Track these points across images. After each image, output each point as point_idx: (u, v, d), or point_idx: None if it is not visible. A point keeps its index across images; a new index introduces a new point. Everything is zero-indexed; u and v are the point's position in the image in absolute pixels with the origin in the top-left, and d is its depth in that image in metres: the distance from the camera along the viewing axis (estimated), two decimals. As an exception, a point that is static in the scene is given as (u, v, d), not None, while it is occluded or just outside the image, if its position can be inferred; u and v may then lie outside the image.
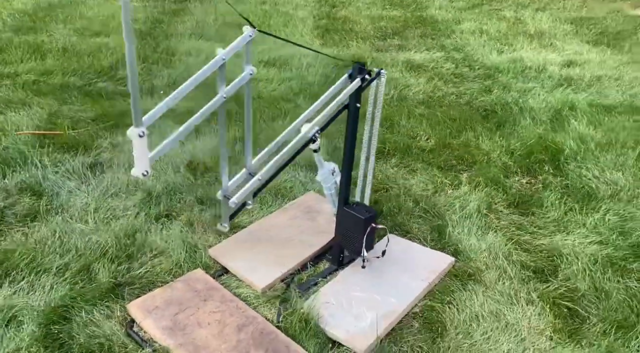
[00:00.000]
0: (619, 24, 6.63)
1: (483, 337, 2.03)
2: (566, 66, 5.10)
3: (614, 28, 6.44)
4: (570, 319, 2.10)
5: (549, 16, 6.93)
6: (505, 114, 3.98)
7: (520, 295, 2.23)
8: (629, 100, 4.31)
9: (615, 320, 2.07)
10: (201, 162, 3.22)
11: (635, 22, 6.74)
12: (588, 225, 2.67)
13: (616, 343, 1.98)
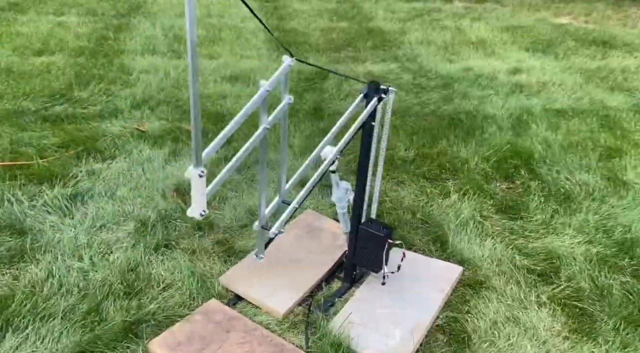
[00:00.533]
0: (548, 31, 7.13)
1: (507, 343, 2.12)
2: (513, 73, 5.42)
3: (544, 36, 6.91)
4: (582, 318, 2.24)
5: (485, 25, 7.33)
6: (471, 122, 4.16)
7: (531, 298, 2.35)
8: (576, 104, 4.64)
9: (622, 316, 2.23)
10: (188, 186, 3.12)
11: (561, 29, 7.28)
12: (574, 226, 2.85)
13: (628, 338, 2.13)
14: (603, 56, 6.13)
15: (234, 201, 3.01)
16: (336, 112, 4.26)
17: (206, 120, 3.93)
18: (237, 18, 7.03)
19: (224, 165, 2.01)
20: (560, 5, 8.86)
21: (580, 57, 6.08)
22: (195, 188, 1.75)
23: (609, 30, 7.37)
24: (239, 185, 3.17)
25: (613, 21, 7.96)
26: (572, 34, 7.04)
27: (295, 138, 3.75)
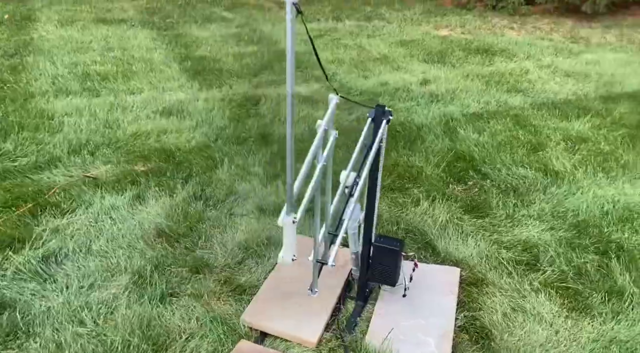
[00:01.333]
0: (436, 44, 7.82)
1: (523, 331, 2.35)
2: (424, 84, 5.88)
3: (435, 48, 7.57)
4: (574, 297, 2.55)
5: (381, 41, 7.84)
6: (408, 133, 4.46)
7: (525, 287, 2.62)
8: (486, 107, 5.17)
9: (605, 290, 2.58)
10: (166, 228, 2.98)
11: (445, 41, 8.02)
12: (534, 216, 3.21)
13: (616, 308, 2.47)
14: (490, 62, 6.87)
15: (220, 238, 2.95)
16: (282, 135, 4.31)
17: (157, 159, 3.77)
18: (140, 49, 6.76)
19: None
20: (437, 19, 9.74)
21: (471, 64, 6.76)
22: (287, 235, 1.75)
23: (484, 39, 8.27)
24: (219, 221, 3.10)
25: (484, 31, 8.93)
26: (457, 44, 7.79)
27: (256, 166, 3.74)
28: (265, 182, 3.54)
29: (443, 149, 4.11)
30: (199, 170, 3.64)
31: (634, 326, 2.34)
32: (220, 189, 3.42)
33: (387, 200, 3.39)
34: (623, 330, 2.32)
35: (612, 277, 2.66)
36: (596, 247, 2.91)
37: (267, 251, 2.85)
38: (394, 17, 9.72)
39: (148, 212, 3.13)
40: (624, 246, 2.90)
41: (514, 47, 7.74)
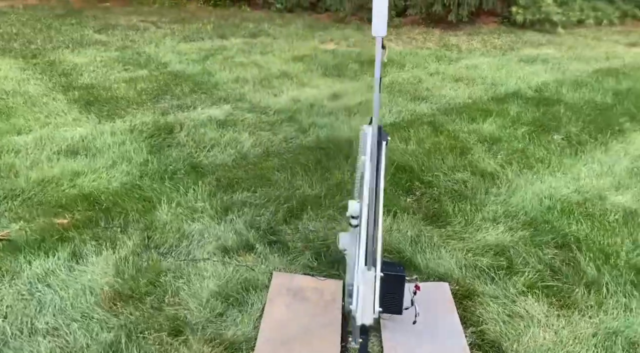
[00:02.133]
0: (329, 58, 7.93)
1: (528, 337, 2.38)
2: (335, 99, 5.89)
3: (329, 62, 7.67)
4: (558, 295, 2.65)
5: (274, 58, 7.76)
6: (341, 148, 4.40)
7: (512, 291, 2.67)
8: (401, 116, 5.32)
9: (582, 283, 2.73)
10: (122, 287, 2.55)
11: (336, 55, 8.17)
12: (490, 218, 3.32)
13: (599, 298, 2.62)
14: (384, 73, 7.13)
15: (188, 290, 2.60)
16: (213, 163, 4.00)
17: (80, 207, 3.25)
18: (9, 81, 5.89)
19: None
20: (321, 34, 9.91)
21: (369, 76, 6.95)
22: (369, 291, 1.55)
23: (370, 51, 8.59)
24: (180, 270, 2.74)
25: (367, 43, 9.29)
26: (348, 57, 7.98)
27: (200, 201, 3.40)
28: (218, 218, 3.23)
29: (381, 162, 4.12)
30: (136, 215, 3.21)
31: (621, 314, 2.50)
32: (169, 233, 3.04)
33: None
34: (613, 319, 2.46)
35: (582, 269, 2.83)
36: (555, 241, 3.09)
37: (247, 296, 2.58)
38: (279, 33, 9.70)
39: (92, 271, 2.67)
40: (579, 237, 3.11)
41: (399, 57, 8.13)
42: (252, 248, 2.95)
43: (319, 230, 3.17)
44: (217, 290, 2.59)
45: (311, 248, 2.99)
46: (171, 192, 3.51)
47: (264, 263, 2.84)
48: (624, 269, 2.82)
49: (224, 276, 2.72)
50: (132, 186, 3.56)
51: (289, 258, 2.89)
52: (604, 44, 9.86)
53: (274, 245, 3.00)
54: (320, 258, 2.90)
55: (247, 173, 3.89)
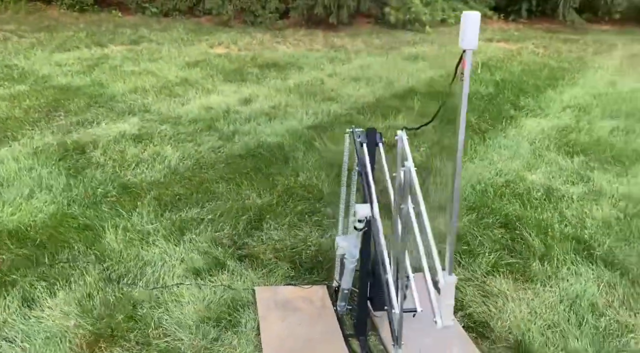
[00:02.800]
0: (225, 62, 7.76)
1: (508, 314, 2.58)
2: (246, 103, 5.78)
3: (226, 67, 7.50)
4: (518, 270, 2.90)
5: (166, 64, 7.40)
6: (272, 153, 4.33)
7: (479, 272, 2.88)
8: (320, 118, 5.38)
9: (533, 257, 3.02)
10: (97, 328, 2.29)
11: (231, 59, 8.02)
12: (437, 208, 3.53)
13: (552, 268, 2.92)
14: (286, 76, 7.16)
15: (171, 319, 2.41)
16: (145, 181, 3.72)
17: (10, 247, 2.82)
18: None
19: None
20: (207, 38, 9.65)
21: (272, 79, 6.94)
22: (450, 295, 1.55)
23: (264, 54, 8.57)
24: (155, 299, 2.52)
25: (256, 46, 9.25)
26: (244, 61, 7.89)
27: (148, 223, 3.14)
28: (175, 239, 3.01)
29: (317, 161, 4.15)
30: (81, 246, 2.88)
31: (575, 279, 2.82)
32: (127, 261, 2.78)
33: (310, 223, 3.27)
34: (571, 286, 2.77)
35: (531, 244, 3.14)
36: (500, 222, 3.38)
37: (237, 316, 2.46)
38: (162, 39, 9.25)
39: (53, 316, 2.35)
40: (518, 216, 3.44)
41: (294, 59, 8.23)
42: (224, 266, 2.81)
43: (284, 238, 3.13)
44: (204, 315, 2.43)
45: (282, 258, 2.93)
46: (112, 216, 3.20)
47: (240, 280, 2.73)
48: (561, 240, 3.18)
49: (204, 299, 2.56)
50: (64, 215, 3.19)
51: (264, 271, 2.80)
52: (467, 41, 10.89)
53: (245, 260, 2.89)
54: (296, 267, 2.86)
55: (187, 188, 3.68)
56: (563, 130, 5.21)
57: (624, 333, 2.42)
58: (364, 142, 2.29)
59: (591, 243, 3.14)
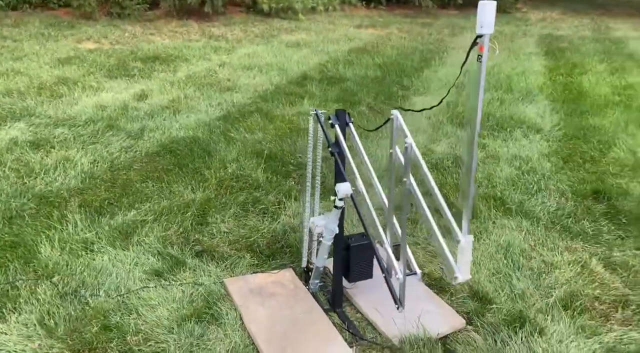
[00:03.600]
0: (104, 58, 7.23)
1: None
2: (141, 99, 5.50)
3: (107, 63, 7.01)
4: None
5: (33, 63, 6.72)
6: (189, 146, 4.20)
7: (421, 237, 3.15)
8: (225, 108, 5.30)
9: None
10: (66, 347, 2.11)
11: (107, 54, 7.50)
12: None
13: (481, 224, 3.28)
14: (175, 68, 6.91)
15: (146, 322, 2.30)
16: (62, 189, 3.41)
17: None
18: None
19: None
20: (70, 32, 8.88)
21: (161, 72, 6.67)
22: (468, 254, 1.72)
23: (142, 47, 8.15)
24: (121, 306, 2.38)
25: (130, 40, 8.74)
26: (123, 56, 7.44)
27: (86, 231, 2.90)
28: (121, 244, 2.84)
29: (243, 153, 4.13)
30: (18, 264, 2.59)
31: (502, 232, 3.21)
32: (78, 273, 2.57)
33: (257, 212, 3.29)
34: (500, 237, 3.15)
35: (457, 206, 3.49)
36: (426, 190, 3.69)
37: (216, 310, 2.42)
38: (19, 35, 8.34)
39: (11, 341, 2.11)
40: (438, 182, 3.78)
41: (177, 51, 7.94)
42: (184, 264, 2.73)
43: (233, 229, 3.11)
44: (182, 314, 2.37)
45: (240, 249, 2.93)
46: (41, 229, 2.91)
47: (205, 275, 2.68)
48: (480, 199, 3.58)
49: (174, 299, 2.48)
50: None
51: (227, 264, 2.78)
52: (338, 28, 11.37)
53: (203, 256, 2.83)
54: (257, 255, 2.88)
55: (112, 191, 3.45)
56: (448, 105, 5.77)
57: (551, 270, 2.85)
58: (336, 123, 2.37)
59: (504, 199, 3.59)
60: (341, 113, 2.39)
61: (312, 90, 6.06)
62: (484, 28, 1.81)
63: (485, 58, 1.87)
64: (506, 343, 2.29)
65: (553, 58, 8.73)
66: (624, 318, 2.48)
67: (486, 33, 1.82)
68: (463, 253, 2.04)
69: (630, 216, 3.41)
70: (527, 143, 4.70)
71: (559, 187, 3.82)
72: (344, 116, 2.38)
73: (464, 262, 2.04)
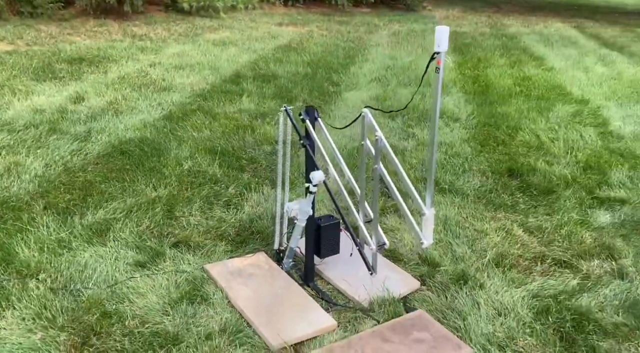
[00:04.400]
0: (25, 61, 6.98)
1: (407, 241, 3.31)
2: (77, 101, 5.45)
3: (30, 65, 6.78)
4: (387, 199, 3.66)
5: None
6: (139, 147, 4.32)
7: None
8: (166, 109, 5.42)
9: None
10: (67, 335, 2.27)
11: (28, 56, 7.23)
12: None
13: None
14: (105, 69, 6.83)
15: (139, 309, 2.50)
16: (21, 194, 3.44)
17: None
18: None
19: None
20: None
21: (92, 74, 6.59)
22: (431, 224, 2.13)
23: (64, 48, 7.92)
24: (113, 296, 2.55)
25: (49, 40, 8.43)
26: (45, 57, 7.23)
27: (60, 231, 2.98)
28: (99, 241, 2.97)
29: (195, 151, 4.31)
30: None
31: (440, 208, 3.68)
32: (63, 269, 2.69)
33: (222, 205, 3.52)
34: (439, 212, 3.62)
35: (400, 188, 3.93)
36: (370, 176, 4.11)
37: (203, 291, 2.66)
38: None
39: (17, 333, 2.23)
40: (380, 170, 4.21)
41: (102, 52, 7.81)
42: (164, 255, 2.93)
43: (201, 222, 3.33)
44: (172, 297, 2.59)
45: (213, 238, 3.16)
46: (13, 232, 2.97)
47: (185, 263, 2.90)
48: (417, 181, 4.06)
49: (162, 286, 2.69)
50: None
51: (203, 252, 3.01)
52: (260, 26, 11.60)
53: (179, 246, 3.04)
54: (230, 242, 3.13)
55: (73, 193, 3.53)
56: (377, 99, 6.26)
57: (482, 236, 3.36)
58: (306, 118, 2.69)
59: (438, 180, 4.10)
60: (310, 109, 2.71)
61: (249, 88, 6.30)
62: (440, 47, 2.26)
63: (442, 71, 2.32)
64: (455, 297, 2.74)
65: (460, 53, 9.55)
66: (542, 270, 3.04)
67: (442, 51, 2.27)
68: (427, 223, 2.46)
69: (539, 188, 4.04)
70: (449, 131, 5.28)
71: (480, 167, 4.40)
72: (313, 112, 2.71)
73: (428, 230, 2.47)
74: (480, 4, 18.37)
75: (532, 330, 2.51)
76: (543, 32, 12.69)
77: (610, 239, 3.34)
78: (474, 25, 13.69)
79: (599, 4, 21.18)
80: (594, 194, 3.96)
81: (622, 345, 2.45)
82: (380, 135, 2.45)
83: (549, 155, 4.70)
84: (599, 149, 4.89)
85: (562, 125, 5.50)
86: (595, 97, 6.73)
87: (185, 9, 11.47)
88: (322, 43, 9.85)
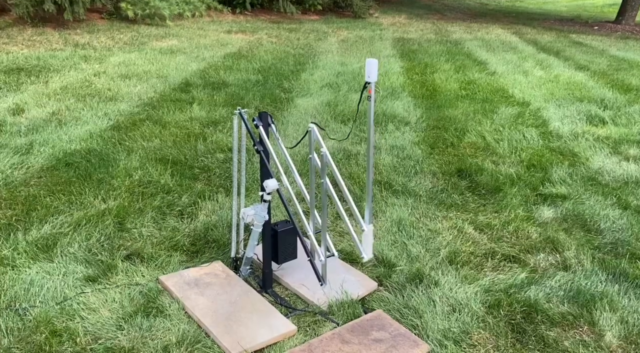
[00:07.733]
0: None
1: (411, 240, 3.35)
2: (17, 113, 5.22)
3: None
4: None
5: None
6: (85, 159, 4.19)
7: (330, 220, 3.57)
8: (114, 119, 5.27)
9: (359, 199, 3.84)
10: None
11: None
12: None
13: (374, 206, 3.79)
14: (46, 78, 6.58)
15: (91, 325, 2.40)
16: None
17: None
18: None
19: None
20: None
21: (32, 84, 6.33)
22: (370, 240, 2.20)
23: (3, 58, 7.57)
24: (62, 313, 2.44)
25: None
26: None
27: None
28: (45, 256, 2.84)
29: (145, 160, 4.21)
30: None
31: (394, 209, 3.75)
32: (6, 289, 2.55)
33: (175, 214, 3.45)
34: (394, 213, 3.69)
35: (354, 192, 3.97)
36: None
37: (158, 302, 2.59)
38: None
39: None
40: (334, 174, 4.25)
41: (41, 62, 7.53)
42: (115, 268, 2.84)
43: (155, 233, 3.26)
44: (126, 311, 2.51)
45: (167, 248, 3.09)
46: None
47: (138, 276, 2.82)
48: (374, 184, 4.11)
49: (115, 300, 2.61)
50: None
51: (157, 263, 2.94)
52: (209, 33, 11.48)
53: (132, 258, 2.95)
54: (184, 253, 3.07)
55: (15, 208, 3.37)
56: (329, 105, 6.31)
57: (435, 235, 3.45)
58: (259, 124, 2.67)
59: (390, 183, 4.17)
60: (264, 115, 2.70)
61: (199, 96, 6.22)
62: (371, 78, 2.46)
63: (373, 99, 2.52)
64: (411, 296, 2.79)
65: (408, 59, 9.79)
66: (493, 266, 3.14)
67: (372, 81, 2.47)
68: (367, 239, 2.55)
69: (487, 187, 4.18)
70: (400, 134, 5.40)
71: (431, 169, 4.52)
72: (267, 117, 2.70)
73: (368, 245, 2.55)
74: (425, 11, 18.91)
75: (485, 324, 2.60)
76: (485, 38, 13.18)
77: (554, 233, 3.50)
78: (420, 31, 14.05)
79: (535, 12, 22.23)
80: (537, 191, 4.14)
81: (568, 333, 2.57)
82: (325, 151, 2.50)
83: (495, 155, 4.88)
84: (541, 148, 5.13)
85: (506, 127, 5.72)
86: (535, 99, 7.05)
87: (130, 17, 11.21)
88: (272, 50, 9.85)
